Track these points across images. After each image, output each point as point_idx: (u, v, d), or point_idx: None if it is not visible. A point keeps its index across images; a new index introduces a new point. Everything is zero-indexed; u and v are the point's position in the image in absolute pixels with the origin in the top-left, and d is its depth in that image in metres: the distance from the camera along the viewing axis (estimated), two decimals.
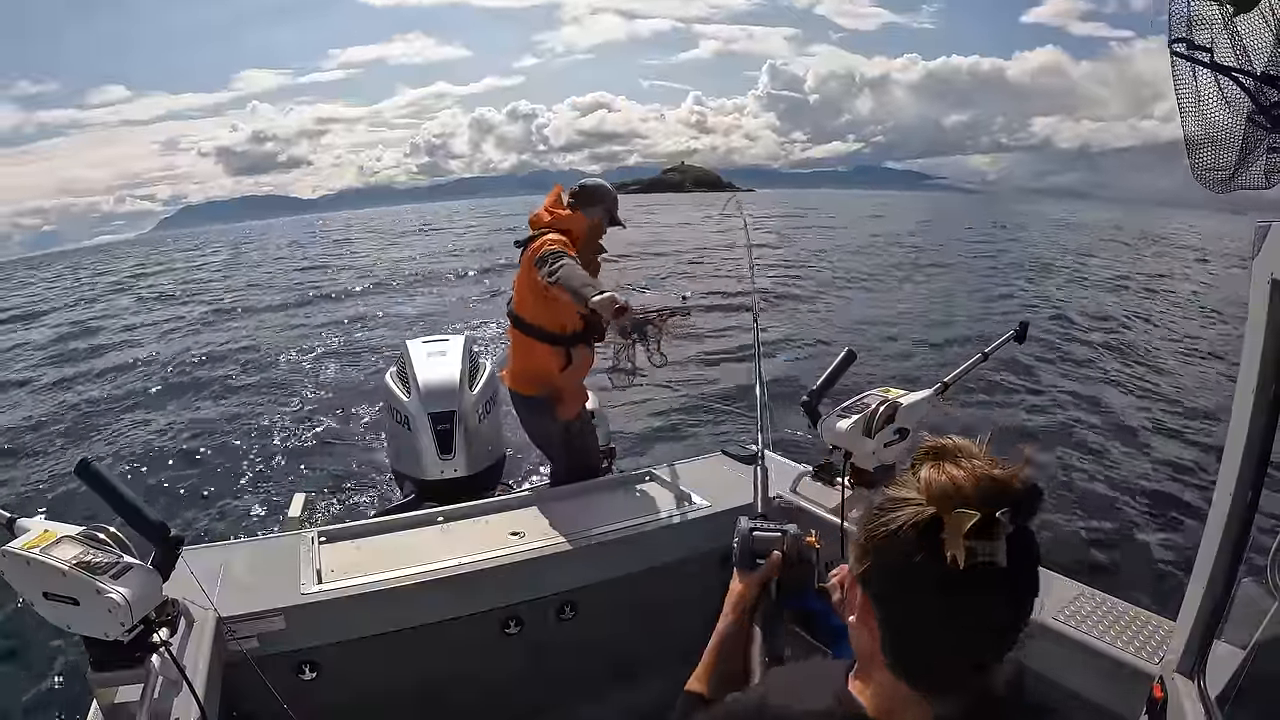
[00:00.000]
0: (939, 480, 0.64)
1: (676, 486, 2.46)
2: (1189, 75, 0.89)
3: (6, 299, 21.70)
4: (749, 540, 1.06)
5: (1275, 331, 1.05)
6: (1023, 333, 2.53)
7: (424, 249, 27.92)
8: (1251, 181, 0.90)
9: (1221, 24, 0.86)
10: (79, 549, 1.38)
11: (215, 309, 14.73)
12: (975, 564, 0.60)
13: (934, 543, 0.61)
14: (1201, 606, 1.21)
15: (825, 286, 14.69)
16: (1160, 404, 7.30)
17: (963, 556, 0.60)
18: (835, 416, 2.25)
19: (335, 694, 1.87)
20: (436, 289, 16.20)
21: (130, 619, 1.35)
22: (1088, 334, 10.49)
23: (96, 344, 11.86)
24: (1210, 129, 0.90)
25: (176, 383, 8.61)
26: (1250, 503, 1.14)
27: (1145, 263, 20.76)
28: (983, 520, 0.60)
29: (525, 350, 2.67)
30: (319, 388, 7.95)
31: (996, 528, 0.60)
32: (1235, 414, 1.12)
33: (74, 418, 7.39)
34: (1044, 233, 32.27)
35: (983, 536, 0.60)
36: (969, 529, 0.60)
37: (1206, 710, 1.17)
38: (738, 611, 1.03)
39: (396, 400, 3.03)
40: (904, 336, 10.13)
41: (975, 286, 15.00)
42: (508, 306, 2.78)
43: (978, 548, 0.60)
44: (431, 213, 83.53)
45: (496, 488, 3.20)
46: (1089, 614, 1.62)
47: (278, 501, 4.77)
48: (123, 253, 49.21)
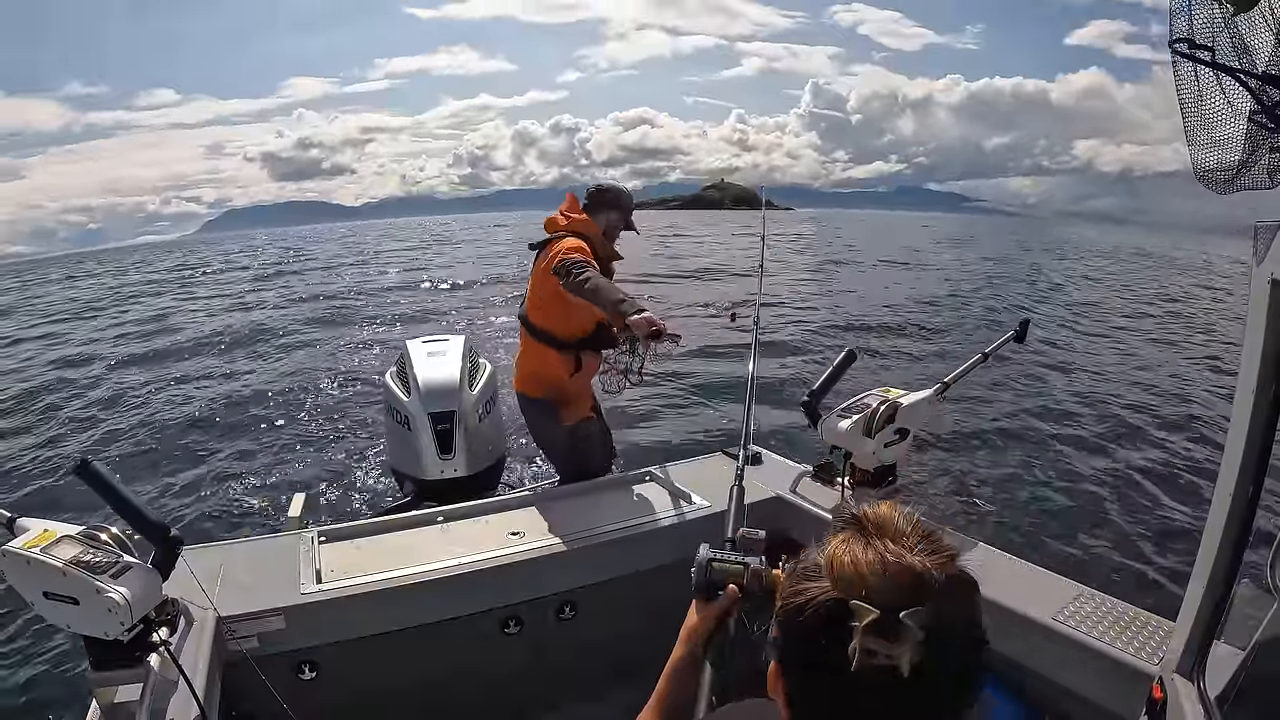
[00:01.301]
0: (843, 562, 0.55)
1: (676, 486, 2.46)
2: (1190, 75, 0.89)
3: (32, 297, 21.83)
4: (706, 569, 1.00)
5: (1275, 331, 1.05)
6: (1023, 332, 2.53)
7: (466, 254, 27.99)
8: (1254, 182, 0.90)
9: (1222, 24, 0.86)
10: (79, 549, 1.38)
11: (219, 309, 14.75)
12: (873, 665, 0.52)
13: (841, 629, 0.53)
14: (1201, 606, 1.21)
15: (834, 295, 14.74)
16: (1160, 404, 7.31)
17: (858, 656, 0.52)
18: (835, 416, 2.25)
19: (335, 694, 1.87)
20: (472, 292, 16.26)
21: (130, 618, 1.35)
22: (1087, 334, 10.50)
23: (97, 343, 11.86)
24: (1212, 129, 0.90)
25: (177, 383, 8.62)
26: (1250, 503, 1.14)
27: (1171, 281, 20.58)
28: (884, 619, 0.52)
29: (536, 355, 2.69)
30: (319, 388, 7.95)
31: (901, 630, 0.51)
32: (1235, 414, 1.12)
33: (74, 417, 7.39)
34: (1083, 259, 31.30)
35: (883, 636, 0.51)
36: (866, 625, 0.52)
37: (1206, 710, 1.17)
38: (689, 643, 0.98)
39: (396, 400, 3.03)
40: (909, 336, 10.16)
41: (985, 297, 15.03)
42: (520, 309, 2.79)
43: (877, 649, 0.51)
44: (476, 223, 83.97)
45: (496, 488, 3.20)
46: (1089, 614, 1.62)
47: (278, 501, 4.78)
48: (152, 254, 49.42)
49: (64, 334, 13.28)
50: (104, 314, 16.08)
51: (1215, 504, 1.17)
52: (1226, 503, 1.14)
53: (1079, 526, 4.53)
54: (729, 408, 6.11)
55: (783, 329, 10.17)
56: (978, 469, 5.42)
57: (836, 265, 21.96)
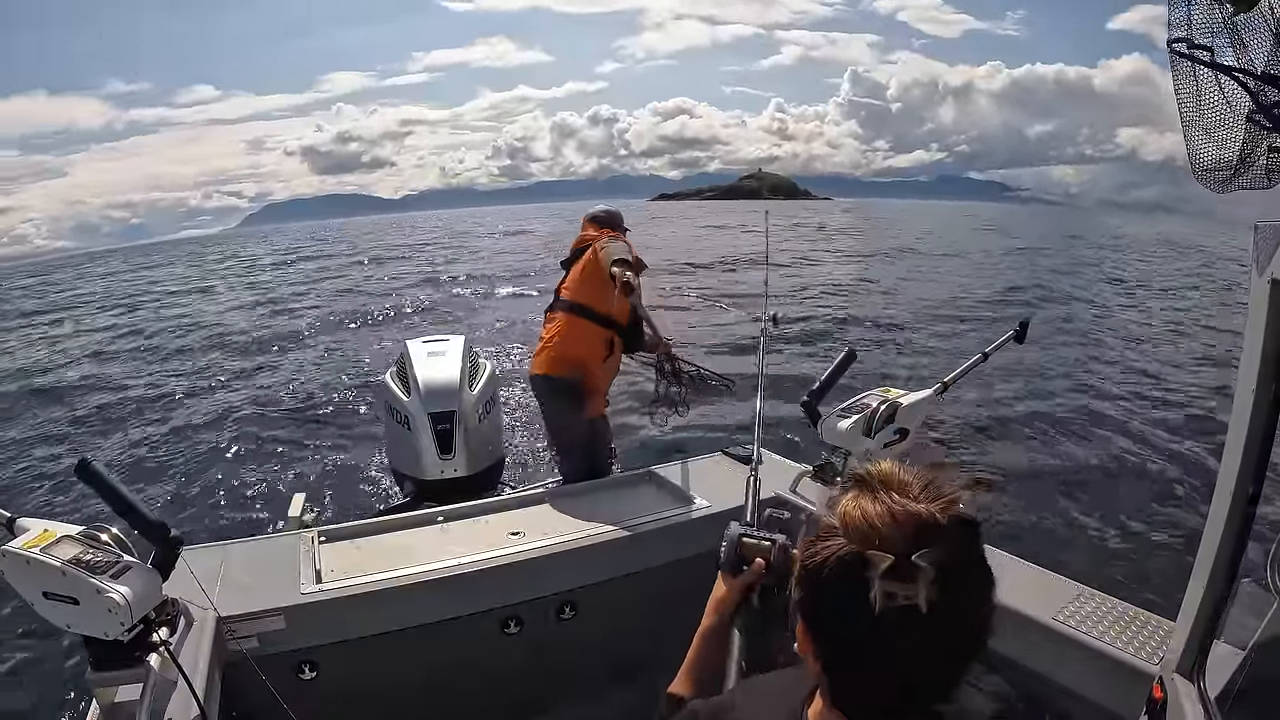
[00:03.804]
0: (854, 517, 0.60)
1: (676, 486, 2.46)
2: (1189, 75, 0.89)
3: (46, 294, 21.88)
4: (736, 545, 1.07)
5: (1275, 331, 1.05)
6: (1023, 333, 2.53)
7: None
8: (1252, 181, 0.90)
9: (1221, 24, 0.86)
10: (79, 549, 1.38)
11: (227, 309, 14.76)
12: (894, 607, 0.56)
13: (859, 580, 0.58)
14: (1201, 606, 1.21)
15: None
16: (1160, 403, 7.30)
17: (879, 600, 0.57)
18: (835, 416, 2.25)
19: (335, 694, 1.87)
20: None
21: (130, 618, 1.35)
22: (1088, 334, 10.49)
23: (99, 343, 11.87)
24: (1210, 128, 0.90)
25: (176, 383, 8.62)
26: (1250, 502, 1.14)
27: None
28: (899, 563, 0.56)
29: (571, 332, 2.72)
30: (319, 388, 7.95)
31: (915, 570, 0.56)
32: (1235, 414, 1.12)
33: (74, 417, 7.39)
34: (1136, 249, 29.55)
35: (900, 579, 0.56)
36: (884, 571, 0.57)
37: (1206, 710, 1.17)
38: (718, 614, 1.04)
39: (396, 400, 3.03)
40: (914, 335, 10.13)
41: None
42: (553, 301, 2.85)
43: (896, 591, 0.56)
44: (515, 215, 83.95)
45: (496, 488, 3.20)
46: (1089, 614, 1.61)
47: (278, 501, 4.77)
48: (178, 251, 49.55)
49: (65, 334, 13.29)
50: (105, 314, 16.10)
51: (1215, 504, 1.17)
52: (1226, 503, 1.14)
53: (1079, 526, 4.52)
54: (729, 407, 6.10)
55: (794, 325, 10.10)
56: (978, 469, 5.42)
57: (866, 260, 21.44)
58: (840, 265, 19.84)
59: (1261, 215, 1.02)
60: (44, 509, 4.87)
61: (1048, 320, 11.13)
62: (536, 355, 2.82)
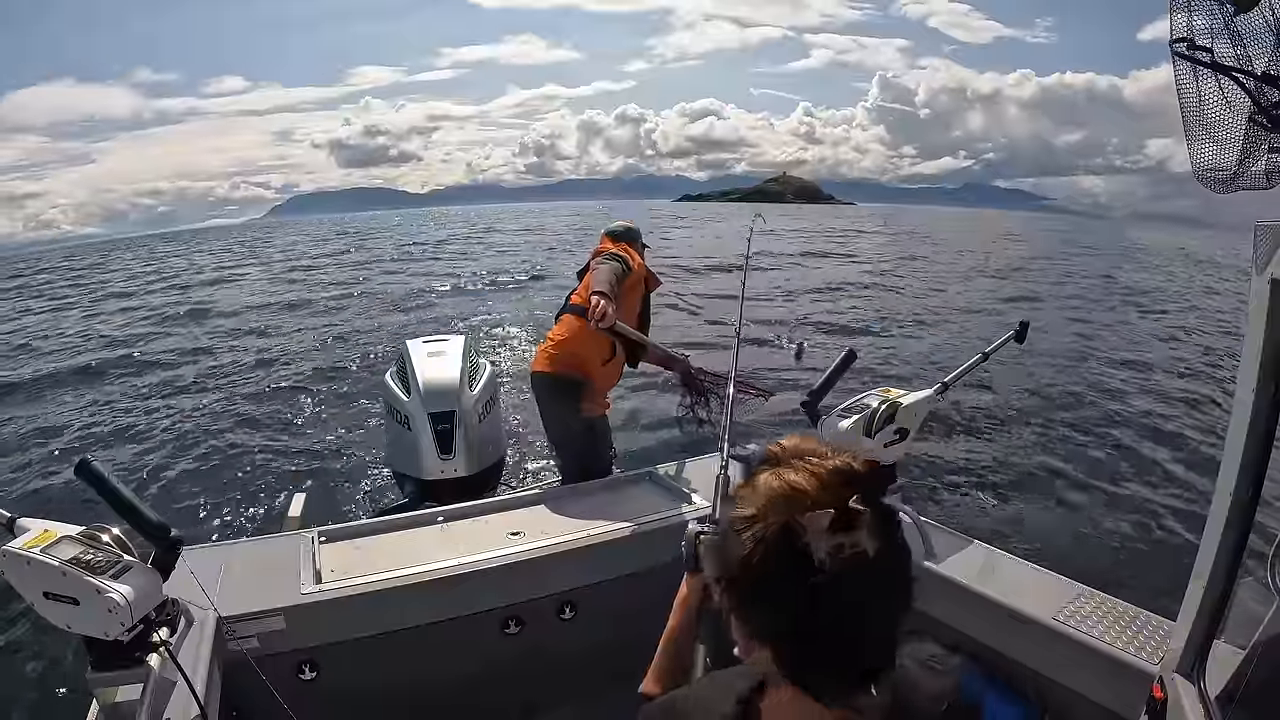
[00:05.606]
0: (778, 488, 0.61)
1: (676, 486, 2.46)
2: (1190, 75, 0.89)
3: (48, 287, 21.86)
4: (694, 544, 1.08)
5: (1275, 331, 1.05)
6: (1023, 333, 2.52)
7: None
8: (1253, 181, 0.90)
9: (1222, 24, 0.87)
10: (79, 549, 1.38)
11: (225, 308, 14.74)
12: (843, 559, 0.58)
13: (793, 553, 0.58)
14: (1201, 606, 1.21)
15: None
16: (1160, 403, 7.31)
17: (829, 556, 0.57)
18: (835, 416, 2.24)
19: (335, 694, 1.87)
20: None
21: (130, 619, 1.35)
22: (1087, 334, 10.50)
23: (98, 343, 11.85)
24: (1211, 129, 0.90)
25: (176, 383, 8.61)
26: (1250, 502, 1.14)
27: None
28: (838, 515, 0.58)
29: (574, 334, 2.73)
30: (319, 388, 7.95)
31: (854, 517, 0.58)
32: (1235, 414, 1.12)
33: (75, 417, 7.39)
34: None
35: (843, 530, 0.58)
36: (827, 526, 0.58)
37: (1206, 710, 1.17)
38: (682, 613, 1.07)
39: (396, 400, 3.03)
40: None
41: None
42: (563, 306, 2.87)
43: (842, 542, 0.58)
44: (542, 211, 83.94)
45: (496, 488, 3.20)
46: (1089, 614, 1.62)
47: (278, 501, 4.78)
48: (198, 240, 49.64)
49: (66, 331, 13.27)
50: (106, 312, 16.08)
51: (1215, 504, 1.17)
52: (1226, 502, 1.14)
53: (1079, 526, 4.53)
54: (735, 409, 6.08)
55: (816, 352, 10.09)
56: (978, 469, 5.43)
57: (881, 270, 21.35)
58: (855, 267, 19.82)
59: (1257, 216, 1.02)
60: (44, 509, 4.86)
61: (1048, 320, 11.15)
62: (538, 354, 2.83)
